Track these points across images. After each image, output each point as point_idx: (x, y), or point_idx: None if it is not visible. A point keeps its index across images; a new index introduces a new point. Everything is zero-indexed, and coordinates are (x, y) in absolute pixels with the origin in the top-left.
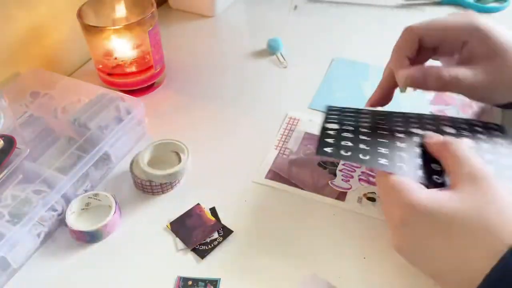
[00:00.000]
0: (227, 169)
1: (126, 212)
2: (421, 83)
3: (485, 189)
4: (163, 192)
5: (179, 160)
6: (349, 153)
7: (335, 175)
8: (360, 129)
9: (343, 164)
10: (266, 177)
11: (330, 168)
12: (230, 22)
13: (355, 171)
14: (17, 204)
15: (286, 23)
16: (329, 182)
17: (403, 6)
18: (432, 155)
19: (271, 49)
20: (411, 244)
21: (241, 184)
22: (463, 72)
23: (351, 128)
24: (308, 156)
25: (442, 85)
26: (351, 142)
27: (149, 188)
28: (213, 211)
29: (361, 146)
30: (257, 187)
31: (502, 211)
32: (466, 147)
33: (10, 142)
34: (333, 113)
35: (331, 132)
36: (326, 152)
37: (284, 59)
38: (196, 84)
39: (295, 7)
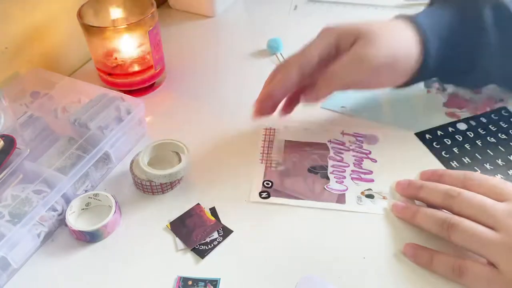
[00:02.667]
0: (227, 169)
1: (126, 212)
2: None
3: None
4: (163, 192)
5: (179, 160)
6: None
7: (328, 178)
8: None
9: (332, 166)
10: (261, 195)
11: (321, 172)
12: (230, 22)
13: (345, 171)
14: (17, 204)
15: (286, 23)
16: (325, 186)
17: (403, 6)
18: None
19: (271, 49)
20: None
21: (241, 183)
22: (337, 66)
23: None
24: (296, 165)
25: (336, 86)
26: None
27: (149, 188)
28: (213, 211)
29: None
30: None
31: None
32: None
33: (10, 142)
34: None
35: None
36: None
37: (284, 59)
38: (196, 84)
39: (295, 7)
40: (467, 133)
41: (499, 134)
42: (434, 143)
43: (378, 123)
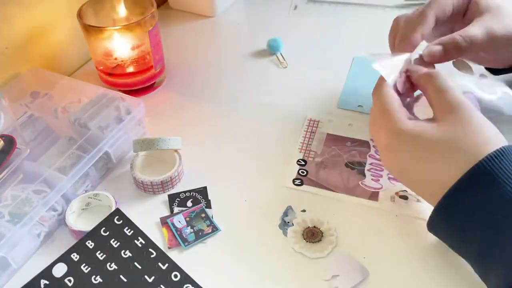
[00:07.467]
0: (227, 168)
1: (126, 212)
2: (442, 57)
3: (463, 118)
4: (163, 191)
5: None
6: None
7: (364, 175)
8: None
9: (371, 164)
10: (295, 182)
11: (358, 168)
12: (230, 22)
13: (383, 170)
14: (17, 204)
15: (286, 23)
16: (360, 182)
17: (403, 6)
18: None
19: (271, 49)
20: (397, 166)
21: (241, 183)
22: (471, 30)
23: None
24: (334, 158)
25: (459, 51)
26: None
27: (149, 187)
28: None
29: None
30: (287, 190)
31: (476, 134)
32: (447, 78)
33: (10, 142)
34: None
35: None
36: None
37: (284, 59)
38: (196, 84)
39: (295, 7)
40: None
41: None
42: None
43: None
